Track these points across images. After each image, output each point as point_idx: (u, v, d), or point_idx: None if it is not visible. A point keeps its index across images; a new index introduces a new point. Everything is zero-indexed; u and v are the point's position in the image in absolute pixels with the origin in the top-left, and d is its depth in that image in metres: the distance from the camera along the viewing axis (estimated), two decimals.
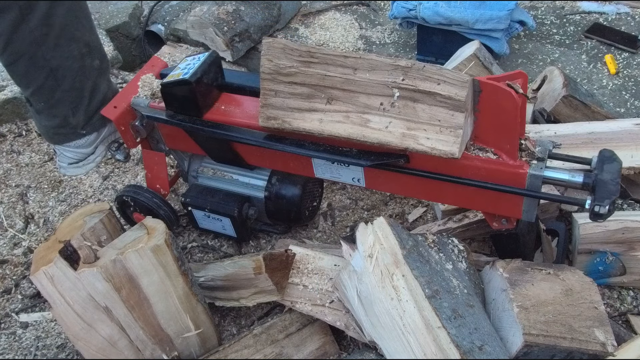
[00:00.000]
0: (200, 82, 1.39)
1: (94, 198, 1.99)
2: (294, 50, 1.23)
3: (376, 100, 1.20)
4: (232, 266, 1.42)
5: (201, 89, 1.40)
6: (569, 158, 1.32)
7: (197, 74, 1.39)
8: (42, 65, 1.40)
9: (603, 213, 1.14)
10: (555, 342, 1.14)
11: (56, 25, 1.37)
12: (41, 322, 1.62)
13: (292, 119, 1.26)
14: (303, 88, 1.24)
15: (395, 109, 1.18)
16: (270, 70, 1.25)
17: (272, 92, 1.26)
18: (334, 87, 1.22)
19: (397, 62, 1.17)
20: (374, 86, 1.19)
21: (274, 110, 1.27)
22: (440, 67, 1.15)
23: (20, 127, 2.29)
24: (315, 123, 1.24)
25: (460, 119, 1.14)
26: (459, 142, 1.14)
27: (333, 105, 1.23)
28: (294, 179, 1.62)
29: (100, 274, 1.20)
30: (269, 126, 1.29)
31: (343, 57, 1.20)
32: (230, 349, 1.35)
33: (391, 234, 1.23)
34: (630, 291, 1.51)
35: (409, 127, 1.18)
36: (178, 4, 2.82)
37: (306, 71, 1.23)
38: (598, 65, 2.34)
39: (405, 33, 2.67)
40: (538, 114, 1.83)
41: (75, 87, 1.46)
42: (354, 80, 1.20)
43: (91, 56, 1.47)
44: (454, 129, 1.15)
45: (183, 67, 1.43)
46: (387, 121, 1.19)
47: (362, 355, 1.32)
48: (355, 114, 1.22)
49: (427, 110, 1.16)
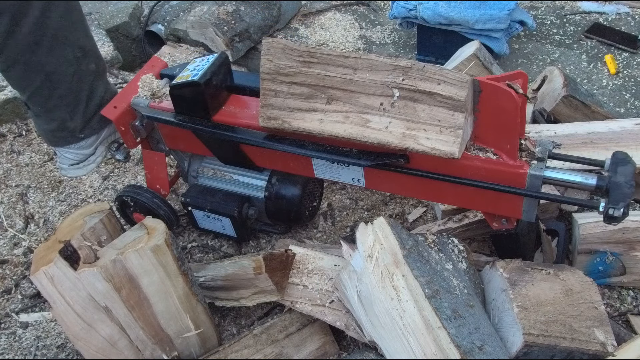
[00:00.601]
0: (209, 83, 1.38)
1: (94, 198, 1.99)
2: (294, 51, 1.23)
3: (376, 100, 1.20)
4: (232, 266, 1.42)
5: (210, 90, 1.39)
6: (582, 160, 1.30)
7: (206, 75, 1.38)
8: (37, 70, 1.39)
9: (618, 216, 1.13)
10: (555, 342, 1.14)
11: (50, 30, 1.36)
12: (41, 322, 1.62)
13: (292, 119, 1.26)
14: (303, 88, 1.24)
15: (395, 109, 1.18)
16: (270, 70, 1.25)
17: (272, 92, 1.26)
18: (334, 87, 1.22)
19: (397, 62, 1.17)
20: (374, 86, 1.19)
21: (274, 110, 1.27)
22: (440, 67, 1.15)
23: (20, 127, 2.29)
24: (315, 123, 1.24)
25: (461, 119, 1.14)
26: (459, 142, 1.14)
27: (333, 105, 1.23)
28: (294, 179, 1.62)
29: (100, 274, 1.20)
30: (269, 126, 1.29)
31: (343, 57, 1.20)
32: (230, 349, 1.35)
33: (391, 234, 1.23)
34: (630, 291, 1.51)
35: (409, 127, 1.18)
36: (178, 4, 2.82)
37: (306, 71, 1.23)
38: (598, 65, 2.34)
39: (405, 33, 2.67)
40: (538, 114, 1.83)
41: (71, 91, 1.46)
42: (354, 80, 1.20)
43: (86, 60, 1.47)
44: (454, 129, 1.15)
45: (192, 69, 1.42)
46: (387, 121, 1.19)
47: (362, 355, 1.32)
48: (355, 114, 1.22)
49: (427, 110, 1.16)
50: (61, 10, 1.37)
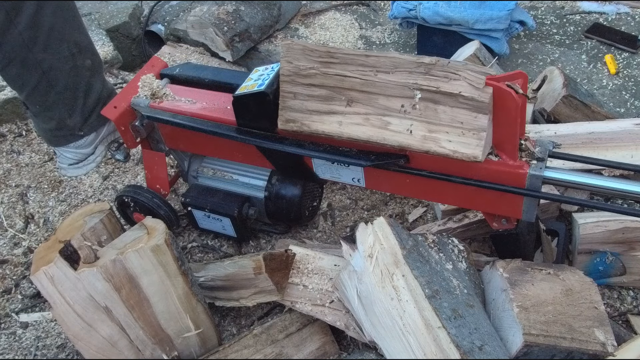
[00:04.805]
0: (277, 94, 1.31)
1: (94, 198, 1.99)
2: (313, 51, 1.22)
3: (397, 102, 1.17)
4: (232, 266, 1.42)
5: (277, 101, 1.31)
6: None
7: (273, 85, 1.30)
8: (33, 67, 1.39)
9: None
10: (555, 342, 1.14)
11: (44, 26, 1.36)
12: (41, 322, 1.62)
13: (310, 122, 1.24)
14: (322, 90, 1.23)
15: (417, 111, 1.16)
16: (289, 72, 1.23)
17: (290, 94, 1.25)
18: (353, 88, 1.20)
19: (420, 60, 1.15)
20: (394, 88, 1.17)
21: (293, 112, 1.26)
22: (466, 63, 1.12)
23: (20, 127, 2.29)
24: (334, 126, 1.22)
25: (484, 121, 1.11)
26: (482, 145, 1.12)
27: (353, 107, 1.21)
28: (294, 179, 1.62)
29: (100, 274, 1.20)
30: (287, 129, 1.27)
31: (364, 56, 1.19)
32: (230, 349, 1.35)
33: (391, 234, 1.23)
34: (630, 291, 1.51)
35: (430, 129, 1.15)
36: (178, 4, 2.82)
37: (326, 72, 1.21)
38: (598, 65, 2.34)
39: (405, 33, 2.67)
40: (538, 114, 1.83)
41: (68, 88, 1.46)
42: (373, 81, 1.18)
43: (82, 56, 1.47)
44: (476, 132, 1.12)
45: (256, 78, 1.36)
46: (408, 123, 1.17)
47: (362, 355, 1.32)
48: (375, 116, 1.19)
49: (449, 112, 1.13)
50: (54, 7, 1.37)
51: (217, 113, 1.45)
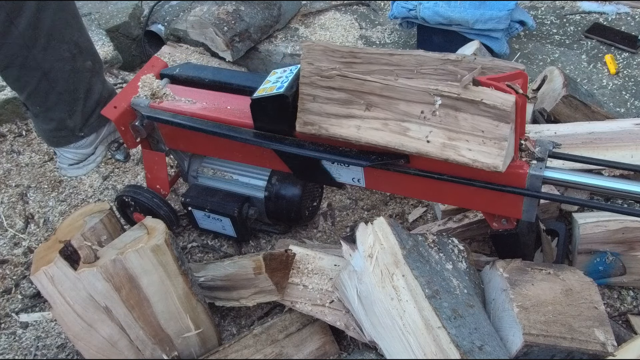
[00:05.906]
0: (296, 97, 1.28)
1: (94, 198, 1.99)
2: (335, 52, 1.20)
3: (416, 107, 1.15)
4: (232, 266, 1.42)
5: (296, 104, 1.29)
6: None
7: (292, 88, 1.28)
8: (34, 68, 1.39)
9: None
10: (555, 342, 1.14)
11: (45, 27, 1.36)
12: (41, 322, 1.62)
13: (329, 125, 1.23)
14: (341, 93, 1.21)
15: (436, 118, 1.13)
16: (310, 73, 1.21)
17: (310, 97, 1.23)
18: (372, 93, 1.18)
19: (446, 57, 1.13)
20: (415, 93, 1.14)
21: (311, 115, 1.24)
22: (493, 59, 1.10)
23: (20, 127, 2.29)
24: (352, 130, 1.20)
25: (506, 130, 1.08)
26: (503, 155, 1.08)
27: (372, 112, 1.18)
28: (294, 179, 1.62)
29: (100, 274, 1.20)
30: (305, 132, 1.26)
31: (388, 54, 1.17)
32: (230, 349, 1.35)
33: (391, 234, 1.23)
34: (630, 291, 1.51)
35: (450, 137, 1.12)
36: (178, 4, 2.82)
37: (347, 74, 1.18)
38: (598, 65, 2.34)
39: (405, 33, 2.67)
40: (538, 114, 1.83)
41: (69, 89, 1.46)
42: (393, 86, 1.15)
43: (82, 57, 1.46)
44: (498, 141, 1.08)
45: (274, 81, 1.34)
46: (427, 130, 1.14)
47: (362, 355, 1.32)
48: (394, 122, 1.17)
49: (470, 119, 1.10)
50: (55, 8, 1.37)
51: (217, 113, 1.45)
